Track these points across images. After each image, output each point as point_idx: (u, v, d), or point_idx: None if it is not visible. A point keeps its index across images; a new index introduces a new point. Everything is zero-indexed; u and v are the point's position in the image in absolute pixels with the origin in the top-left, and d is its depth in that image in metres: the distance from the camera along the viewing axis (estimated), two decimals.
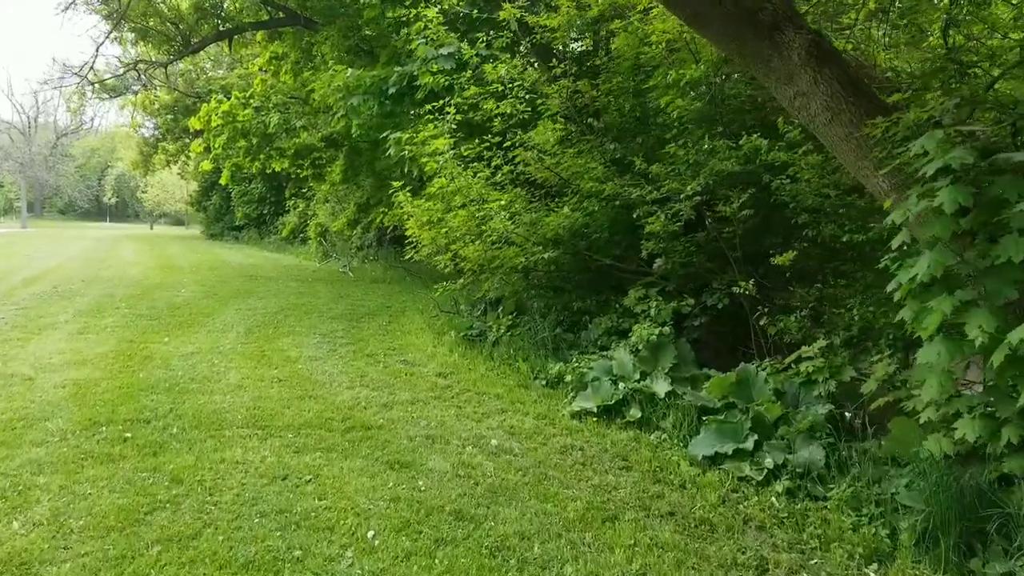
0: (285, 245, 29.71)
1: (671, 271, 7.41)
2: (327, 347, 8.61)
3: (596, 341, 7.78)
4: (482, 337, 9.02)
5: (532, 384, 7.18)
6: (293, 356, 7.97)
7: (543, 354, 7.89)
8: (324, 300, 12.90)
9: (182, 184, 48.78)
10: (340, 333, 9.59)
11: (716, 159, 6.52)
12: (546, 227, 7.33)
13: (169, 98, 24.99)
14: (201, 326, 9.66)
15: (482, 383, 7.15)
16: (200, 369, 7.12)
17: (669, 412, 5.83)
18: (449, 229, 7.73)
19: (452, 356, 8.36)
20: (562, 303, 8.43)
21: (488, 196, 7.38)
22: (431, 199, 8.14)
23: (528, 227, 7.27)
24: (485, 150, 7.54)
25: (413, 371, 7.57)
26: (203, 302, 11.92)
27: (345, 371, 7.38)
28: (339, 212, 24.81)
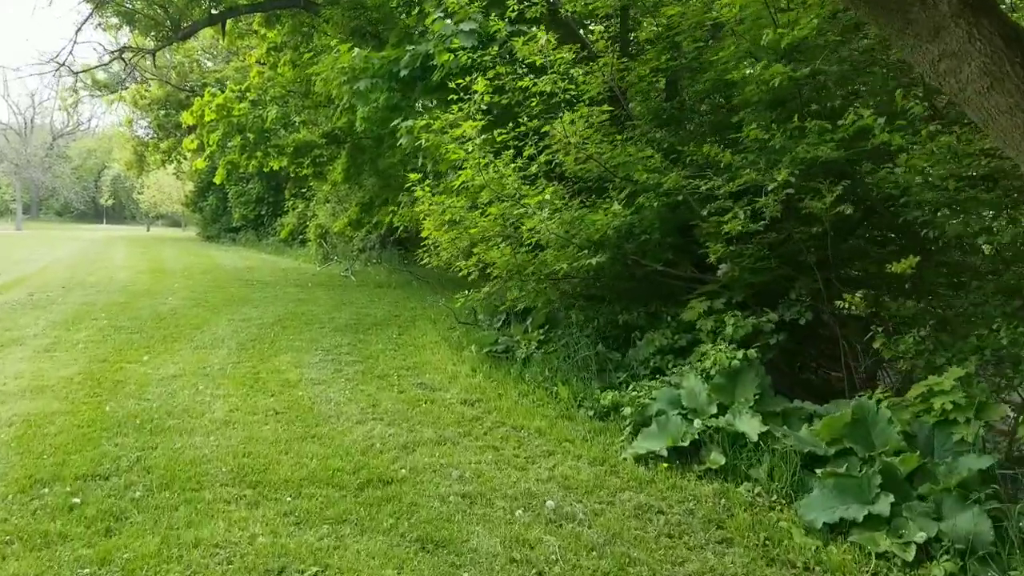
0: (283, 247, 28.56)
1: (737, 279, 6.26)
2: (331, 366, 7.45)
3: (647, 361, 6.61)
4: (508, 354, 7.86)
5: (576, 414, 6.03)
6: (292, 379, 6.81)
7: (585, 376, 6.73)
8: (326, 308, 11.74)
9: (178, 185, 47.63)
10: (345, 348, 8.43)
11: (804, 144, 5.35)
12: (590, 227, 6.16)
13: (160, 92, 23.76)
14: (187, 340, 8.50)
15: (517, 413, 6.00)
16: (181, 398, 5.95)
17: (763, 458, 4.67)
18: (478, 229, 6.57)
19: (476, 377, 7.20)
20: (605, 316, 7.27)
21: (524, 191, 6.20)
22: (453, 195, 6.97)
23: (568, 227, 6.11)
24: (516, 138, 6.35)
25: (434, 397, 6.41)
26: (192, 311, 10.75)
27: (354, 398, 6.22)
28: (340, 213, 23.69)
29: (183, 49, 21.71)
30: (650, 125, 6.93)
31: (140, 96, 22.94)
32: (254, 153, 16.08)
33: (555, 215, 5.77)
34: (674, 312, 7.02)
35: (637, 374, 6.54)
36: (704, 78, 7.02)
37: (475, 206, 6.81)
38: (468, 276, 7.36)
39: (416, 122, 8.24)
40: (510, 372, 7.33)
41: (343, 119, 15.35)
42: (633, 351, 6.93)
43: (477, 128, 6.19)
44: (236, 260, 22.76)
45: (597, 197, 6.87)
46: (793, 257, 6.22)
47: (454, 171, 8.17)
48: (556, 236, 5.93)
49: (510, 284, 7.35)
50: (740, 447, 4.87)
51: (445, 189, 7.23)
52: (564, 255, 6.35)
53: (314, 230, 25.04)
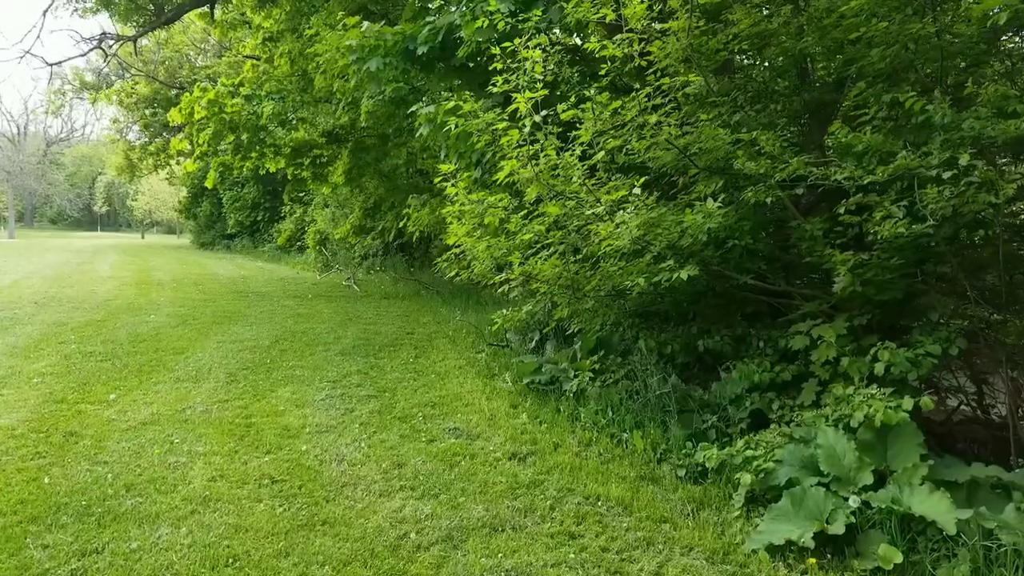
0: (280, 254, 27.24)
1: (858, 295, 4.90)
2: (340, 404, 6.07)
3: (740, 401, 5.25)
4: (554, 386, 6.49)
5: (661, 474, 4.66)
6: (293, 425, 5.42)
7: (662, 419, 5.37)
8: (329, 325, 10.36)
9: (172, 191, 46.32)
10: (355, 378, 7.04)
11: (973, 118, 4.00)
12: (672, 231, 4.77)
13: (148, 90, 22.32)
14: (167, 371, 7.11)
15: (585, 474, 4.62)
16: (148, 459, 4.56)
17: (956, 553, 3.31)
18: (532, 235, 5.19)
19: (519, 417, 5.84)
20: (680, 340, 5.90)
21: (594, 186, 4.81)
22: (490, 192, 5.60)
23: (645, 230, 4.72)
24: (579, 115, 4.95)
25: (473, 449, 5.03)
26: (176, 331, 9.36)
27: (372, 454, 4.84)
28: (340, 218, 22.41)
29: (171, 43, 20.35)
30: (742, 102, 5.56)
31: (126, 94, 21.51)
32: (248, 153, 14.76)
33: (638, 216, 4.38)
34: (766, 336, 5.68)
35: (730, 417, 5.17)
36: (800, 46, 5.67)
37: (521, 206, 5.44)
38: (507, 291, 5.98)
39: (440, 106, 6.89)
40: (560, 410, 5.96)
41: (345, 116, 14.06)
42: (718, 386, 5.56)
43: (532, 103, 4.78)
44: (230, 269, 21.38)
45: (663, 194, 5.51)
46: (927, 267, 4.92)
47: (477, 166, 6.83)
48: (637, 243, 4.54)
49: (559, 301, 5.99)
50: (918, 534, 3.51)
51: (483, 185, 5.86)
52: (637, 267, 4.98)
53: (313, 236, 23.71)
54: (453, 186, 5.61)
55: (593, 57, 5.18)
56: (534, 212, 5.50)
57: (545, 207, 5.12)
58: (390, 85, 10.27)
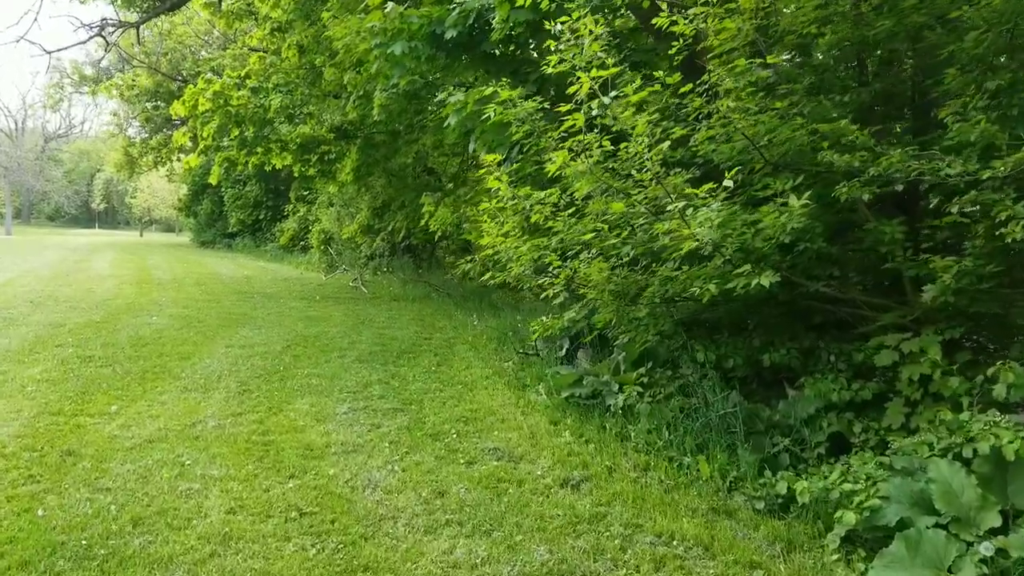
0: (283, 254, 26.68)
1: (947, 306, 4.38)
2: (364, 419, 5.53)
3: (815, 421, 4.72)
4: (596, 400, 5.95)
5: (737, 508, 4.12)
6: (315, 443, 4.88)
7: (725, 440, 4.83)
8: (342, 329, 9.81)
9: (172, 188, 45.74)
10: (377, 388, 6.50)
11: None
12: (746, 233, 4.23)
13: (150, 82, 21.71)
14: (173, 378, 6.57)
15: (650, 505, 4.09)
16: (157, 485, 4.02)
17: None
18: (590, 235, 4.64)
19: (562, 435, 5.30)
20: (742, 353, 5.36)
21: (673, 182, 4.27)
22: (530, 186, 5.05)
23: (721, 231, 4.17)
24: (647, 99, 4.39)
25: (519, 475, 4.49)
26: (181, 334, 8.81)
27: (408, 479, 4.30)
28: (345, 217, 21.86)
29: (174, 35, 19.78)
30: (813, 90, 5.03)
31: (127, 86, 20.90)
32: (254, 149, 14.24)
33: (719, 215, 3.82)
34: (836, 349, 5.15)
35: (805, 440, 4.64)
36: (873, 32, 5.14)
37: (572, 203, 4.89)
38: (550, 296, 5.43)
39: (471, 94, 6.35)
40: (605, 428, 5.42)
41: (355, 111, 13.54)
42: (786, 404, 5.03)
43: (593, 84, 4.22)
44: (233, 268, 20.82)
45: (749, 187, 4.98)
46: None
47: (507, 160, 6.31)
48: (717, 245, 3.99)
49: (605, 308, 5.44)
50: None
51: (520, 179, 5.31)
52: (705, 271, 4.44)
53: (317, 236, 23.14)
54: (496, 179, 5.05)
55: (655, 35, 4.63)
56: (581, 210, 4.97)
57: (597, 204, 4.57)
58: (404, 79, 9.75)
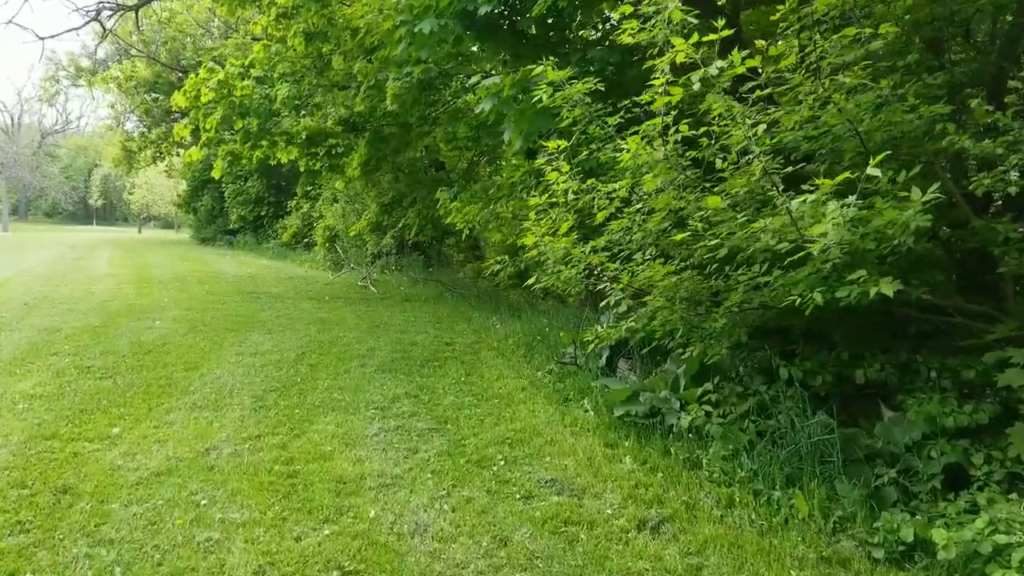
0: (286, 251, 26.02)
1: None
2: (400, 443, 4.89)
3: (922, 448, 4.09)
4: (656, 419, 5.31)
5: (850, 557, 3.49)
6: (349, 475, 4.24)
7: (819, 471, 4.20)
8: (357, 333, 9.17)
9: (171, 184, 45.03)
10: (407, 405, 5.87)
11: None
12: (861, 231, 3.57)
13: (148, 72, 20.97)
14: (181, 393, 5.93)
15: (752, 555, 3.47)
16: (169, 534, 3.38)
17: None
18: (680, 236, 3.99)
19: (622, 463, 4.67)
20: (831, 368, 4.73)
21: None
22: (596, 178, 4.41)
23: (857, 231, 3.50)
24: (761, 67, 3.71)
25: (588, 515, 3.86)
26: (186, 340, 8.17)
27: (461, 523, 3.66)
28: (350, 213, 21.22)
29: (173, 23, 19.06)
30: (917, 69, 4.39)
31: (125, 77, 20.16)
32: (259, 142, 13.62)
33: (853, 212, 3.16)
34: (937, 364, 4.53)
35: (916, 472, 4.01)
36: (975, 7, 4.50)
37: (638, 197, 4.25)
38: (610, 303, 4.80)
39: (508, 77, 5.72)
40: (670, 452, 4.79)
41: (363, 103, 12.93)
42: (883, 428, 4.41)
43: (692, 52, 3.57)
44: (235, 267, 20.16)
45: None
46: None
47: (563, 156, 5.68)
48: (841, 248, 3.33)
49: (670, 316, 4.81)
50: None
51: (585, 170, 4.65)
52: (804, 277, 3.80)
53: (322, 233, 22.50)
54: (555, 170, 4.37)
55: None
56: (649, 205, 4.33)
57: (666, 198, 3.93)
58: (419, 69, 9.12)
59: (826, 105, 3.86)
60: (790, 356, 5.08)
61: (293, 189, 26.47)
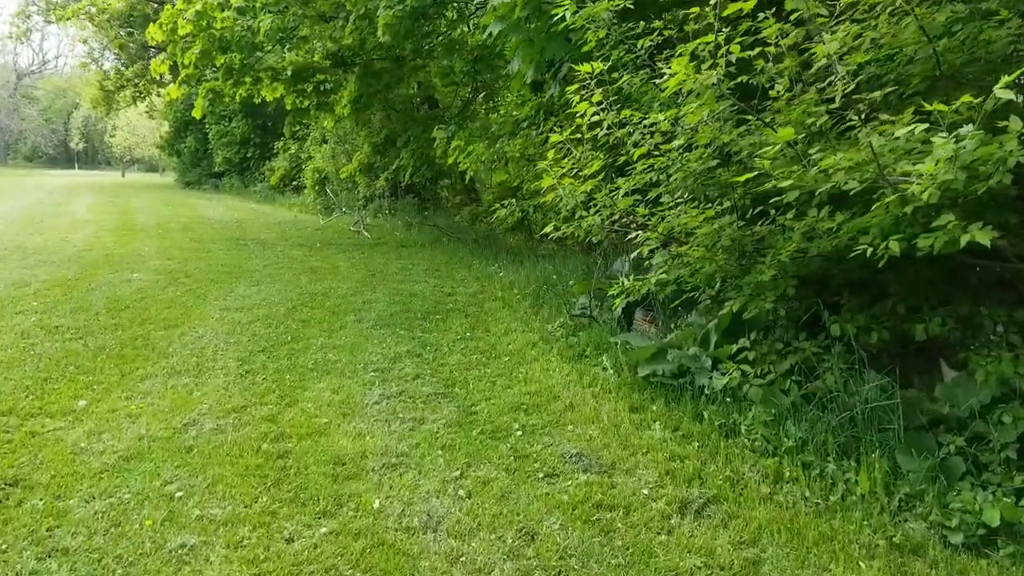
0: (274, 195, 25.25)
1: None
2: (404, 412, 4.39)
3: (993, 412, 3.60)
4: (686, 380, 4.81)
5: (924, 543, 3.03)
6: (348, 455, 3.73)
7: (874, 439, 3.72)
8: (351, 284, 8.61)
9: (153, 126, 43.65)
10: (409, 365, 5.36)
11: None
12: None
13: (123, 4, 19.74)
14: (158, 356, 5.39)
15: (811, 543, 3.01)
16: (135, 540, 2.86)
17: None
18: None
19: (651, 430, 4.19)
20: (887, 323, 4.22)
21: None
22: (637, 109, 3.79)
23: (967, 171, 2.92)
24: None
25: (622, 498, 3.38)
26: (167, 294, 7.59)
27: (480, 513, 3.17)
28: (340, 155, 20.40)
29: None
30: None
31: (98, 10, 18.94)
32: (242, 78, 12.78)
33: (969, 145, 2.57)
34: (1004, 318, 4.02)
35: (986, 438, 3.53)
36: None
37: (682, 130, 3.64)
38: (643, 253, 4.25)
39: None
40: (703, 416, 4.31)
41: (352, 36, 12.09)
42: (944, 389, 3.92)
43: None
44: (221, 211, 19.43)
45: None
46: None
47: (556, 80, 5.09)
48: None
49: (710, 268, 4.26)
50: None
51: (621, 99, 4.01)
52: (877, 220, 3.23)
53: (311, 175, 21.71)
54: (587, 100, 3.73)
55: None
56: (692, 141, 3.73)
57: (708, 131, 3.34)
58: None
59: (904, 18, 3.23)
60: (834, 308, 4.56)
61: (280, 129, 25.51)
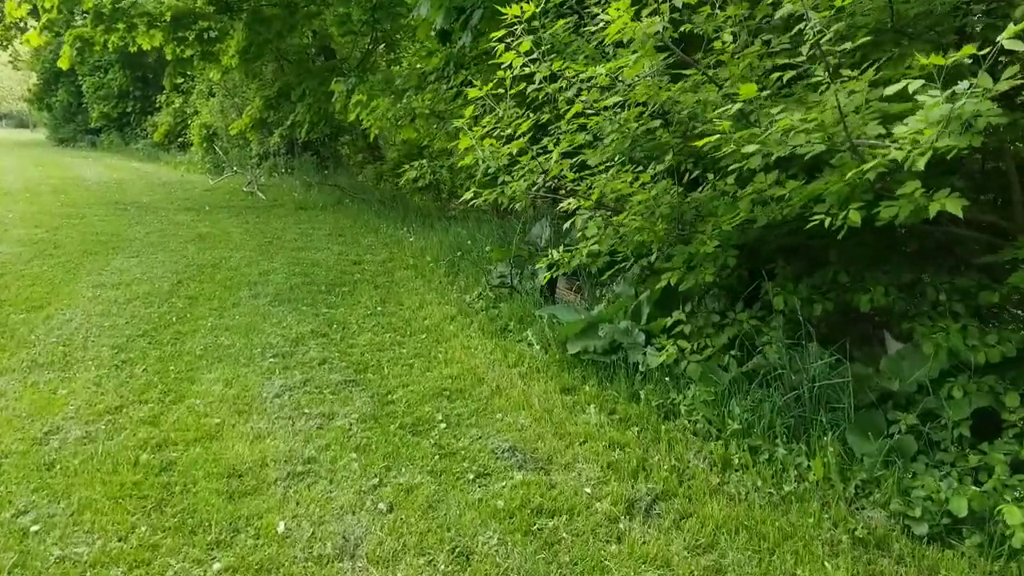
0: (158, 152, 23.52)
1: None
2: (310, 406, 3.88)
3: (939, 388, 3.45)
4: (619, 356, 4.50)
5: (887, 535, 2.84)
6: (246, 464, 3.21)
7: (824, 419, 3.52)
8: (246, 252, 7.89)
9: (20, 77, 39.90)
10: (314, 347, 4.82)
11: None
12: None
13: None
14: (18, 346, 4.64)
15: (772, 544, 2.76)
16: None
17: None
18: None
19: (587, 415, 3.87)
20: (831, 294, 4.01)
21: None
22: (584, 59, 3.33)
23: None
24: None
25: (566, 502, 3.03)
26: (31, 270, 6.69)
27: (405, 531, 2.75)
28: (230, 109, 19.08)
29: None
30: None
31: None
32: (114, 24, 11.53)
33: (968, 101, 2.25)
34: (947, 285, 3.88)
35: (936, 415, 3.37)
36: None
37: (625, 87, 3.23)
38: (578, 224, 3.86)
39: None
40: (639, 397, 4.03)
41: None
42: (889, 363, 3.75)
43: None
44: (99, 171, 17.82)
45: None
46: None
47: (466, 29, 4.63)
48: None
49: (648, 238, 3.92)
50: None
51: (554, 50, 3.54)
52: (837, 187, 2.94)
53: (198, 131, 20.22)
54: (513, 49, 3.22)
55: None
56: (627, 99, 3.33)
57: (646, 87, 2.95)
58: None
59: None
60: (768, 276, 4.34)
61: (162, 82, 23.66)
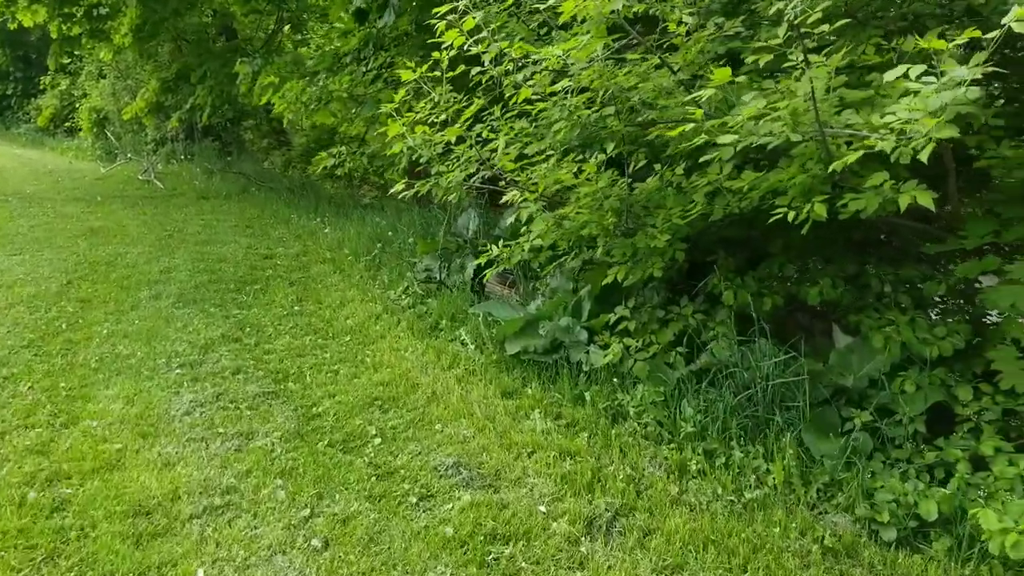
0: (43, 138, 21.91)
1: None
2: (225, 424, 3.48)
3: (891, 382, 3.39)
4: (560, 355, 4.27)
5: (856, 543, 2.73)
6: (154, 498, 2.81)
7: (779, 419, 3.39)
8: (144, 247, 7.25)
9: None
10: (227, 354, 4.38)
11: None
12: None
13: None
14: None
15: (742, 559, 2.59)
16: None
17: None
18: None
19: (531, 421, 3.64)
20: (779, 287, 3.90)
21: None
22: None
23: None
24: None
25: (521, 524, 2.78)
26: None
27: (343, 571, 2.44)
28: (122, 92, 17.86)
29: None
30: None
31: None
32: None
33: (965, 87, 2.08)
34: (891, 277, 3.83)
35: (890, 410, 3.30)
36: None
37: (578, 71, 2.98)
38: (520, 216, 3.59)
39: None
40: (585, 399, 3.82)
41: None
42: (838, 356, 3.66)
43: None
44: None
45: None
46: None
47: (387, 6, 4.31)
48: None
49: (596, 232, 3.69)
50: None
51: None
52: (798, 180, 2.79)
53: (88, 115, 18.85)
54: (456, 28, 2.88)
55: None
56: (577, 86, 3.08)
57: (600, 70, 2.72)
58: None
59: None
60: (709, 268, 4.20)
61: (46, 62, 21.99)
